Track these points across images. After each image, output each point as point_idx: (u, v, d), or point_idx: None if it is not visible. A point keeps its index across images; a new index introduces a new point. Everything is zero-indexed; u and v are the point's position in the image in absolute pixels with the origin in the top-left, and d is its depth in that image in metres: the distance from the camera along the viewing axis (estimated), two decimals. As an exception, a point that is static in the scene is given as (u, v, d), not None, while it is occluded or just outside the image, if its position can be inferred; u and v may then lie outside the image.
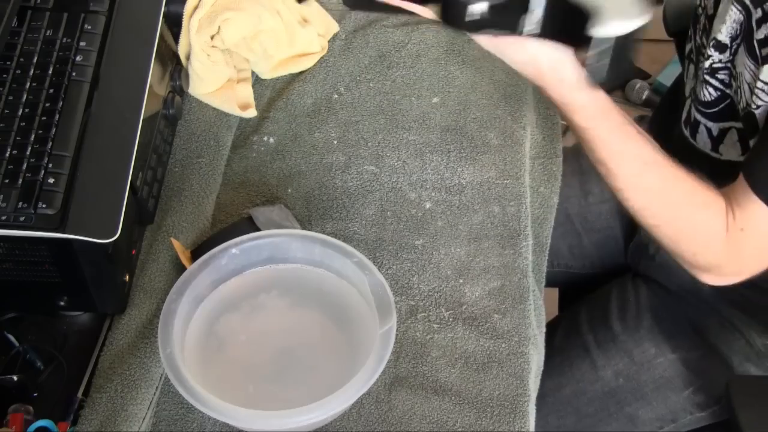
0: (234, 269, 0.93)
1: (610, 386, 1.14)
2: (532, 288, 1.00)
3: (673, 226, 0.93)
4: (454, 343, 0.94)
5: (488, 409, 0.90)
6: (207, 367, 0.87)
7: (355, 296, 0.91)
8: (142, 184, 0.92)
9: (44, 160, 0.84)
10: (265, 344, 0.90)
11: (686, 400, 1.11)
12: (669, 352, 1.12)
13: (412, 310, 0.96)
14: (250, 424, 0.81)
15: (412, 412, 0.89)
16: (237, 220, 1.00)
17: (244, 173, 1.07)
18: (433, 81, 1.16)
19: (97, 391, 0.87)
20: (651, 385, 1.12)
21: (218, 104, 1.12)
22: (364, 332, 0.87)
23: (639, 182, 0.91)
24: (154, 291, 0.95)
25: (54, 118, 0.87)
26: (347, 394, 0.80)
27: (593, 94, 0.86)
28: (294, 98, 1.14)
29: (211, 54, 1.08)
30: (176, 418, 0.88)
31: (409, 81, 1.16)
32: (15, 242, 0.82)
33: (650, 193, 0.91)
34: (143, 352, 0.90)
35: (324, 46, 1.19)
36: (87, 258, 0.84)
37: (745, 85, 0.91)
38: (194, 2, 1.08)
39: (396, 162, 1.08)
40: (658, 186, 0.91)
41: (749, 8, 0.90)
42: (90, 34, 0.93)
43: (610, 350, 1.14)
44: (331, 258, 0.92)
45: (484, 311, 0.97)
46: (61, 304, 0.90)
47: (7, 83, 0.89)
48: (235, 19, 1.07)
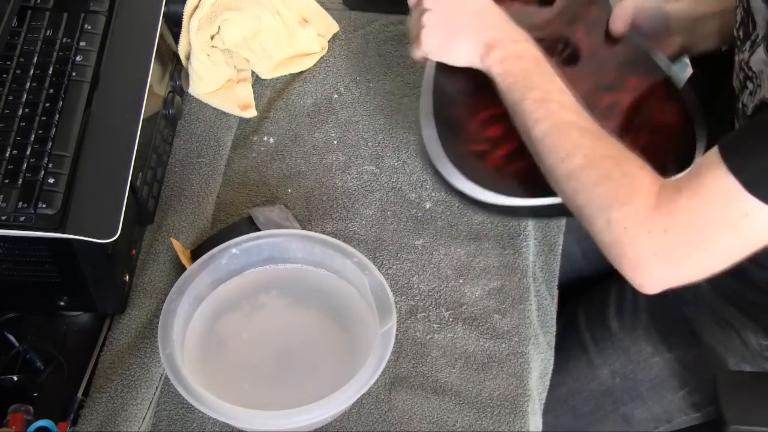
0: (234, 269, 0.93)
1: (607, 385, 1.14)
2: (534, 288, 1.00)
3: (599, 167, 0.84)
4: (454, 343, 0.94)
5: (488, 409, 0.90)
6: (207, 367, 0.87)
7: (355, 296, 0.91)
8: (142, 184, 0.92)
9: (44, 160, 0.84)
10: (265, 344, 0.90)
11: (681, 400, 1.11)
12: (665, 351, 1.12)
13: (412, 310, 0.96)
14: (249, 424, 0.81)
15: (412, 412, 0.89)
16: (237, 220, 1.01)
17: (244, 173, 1.07)
18: (433, 81, 1.16)
19: (97, 391, 0.87)
20: (647, 385, 1.12)
21: (218, 104, 1.12)
22: (364, 332, 0.88)
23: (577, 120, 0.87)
24: (154, 291, 0.95)
25: (54, 118, 0.87)
26: (347, 394, 0.80)
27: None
28: (294, 98, 1.14)
29: (211, 54, 1.08)
30: (176, 418, 0.88)
31: (409, 81, 1.16)
32: (15, 242, 0.82)
33: (588, 132, 0.86)
34: (143, 352, 0.90)
35: (324, 46, 1.19)
36: (87, 258, 0.84)
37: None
38: (194, 2, 1.08)
39: (396, 162, 1.08)
40: (594, 129, 0.87)
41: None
42: (90, 34, 0.93)
43: (607, 349, 1.14)
44: (331, 258, 0.92)
45: (484, 311, 0.97)
46: (61, 304, 0.90)
47: (7, 83, 0.89)
48: (235, 19, 1.07)
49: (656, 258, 0.81)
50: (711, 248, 0.81)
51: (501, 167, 0.92)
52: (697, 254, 0.81)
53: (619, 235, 0.82)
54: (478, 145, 0.93)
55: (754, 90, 0.90)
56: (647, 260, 0.81)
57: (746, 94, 0.92)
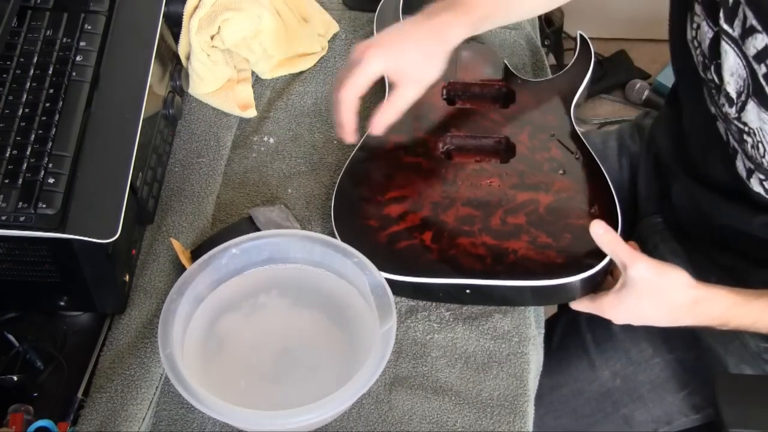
0: (234, 269, 0.93)
1: (607, 387, 1.14)
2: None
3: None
4: (454, 343, 0.94)
5: (488, 409, 0.90)
6: (207, 367, 0.87)
7: (355, 296, 0.91)
8: (142, 184, 0.92)
9: (44, 160, 0.84)
10: (265, 344, 0.90)
11: (682, 401, 1.11)
12: (666, 352, 1.12)
13: (412, 310, 0.96)
14: (249, 424, 0.81)
15: (412, 412, 0.89)
16: (237, 220, 1.01)
17: (244, 173, 1.07)
18: (433, 81, 1.16)
19: (97, 391, 0.87)
20: (647, 386, 1.12)
21: (218, 104, 1.12)
22: (364, 332, 0.88)
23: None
24: (154, 291, 0.95)
25: (54, 118, 0.87)
26: (347, 394, 0.80)
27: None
28: (294, 98, 1.14)
29: (211, 54, 1.08)
30: (176, 418, 0.88)
31: (409, 81, 1.16)
32: (15, 242, 0.82)
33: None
34: (143, 352, 0.90)
35: (324, 46, 1.19)
36: (87, 258, 0.84)
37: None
38: (194, 2, 1.08)
39: (396, 162, 1.08)
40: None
41: (752, 66, 0.88)
42: (90, 34, 0.93)
43: (608, 350, 1.14)
44: (331, 258, 0.92)
45: (484, 311, 0.97)
46: (61, 304, 0.90)
47: (7, 83, 0.89)
48: (235, 19, 1.07)
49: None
50: None
51: (386, 244, 0.95)
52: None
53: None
54: (371, 220, 0.97)
55: (756, 144, 0.91)
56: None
57: (747, 146, 0.94)
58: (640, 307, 0.93)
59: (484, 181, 1.01)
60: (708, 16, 0.94)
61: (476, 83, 1.12)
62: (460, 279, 0.92)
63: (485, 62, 1.14)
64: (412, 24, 0.94)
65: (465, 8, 0.96)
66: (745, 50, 0.88)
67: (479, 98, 1.11)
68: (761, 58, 0.86)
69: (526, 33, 1.25)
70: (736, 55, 0.90)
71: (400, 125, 1.01)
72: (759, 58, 0.87)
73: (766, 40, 0.85)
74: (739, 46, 0.89)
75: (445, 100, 1.10)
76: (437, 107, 1.09)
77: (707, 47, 0.95)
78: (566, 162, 1.03)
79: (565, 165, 1.02)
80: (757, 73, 0.87)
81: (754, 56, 0.87)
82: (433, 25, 0.93)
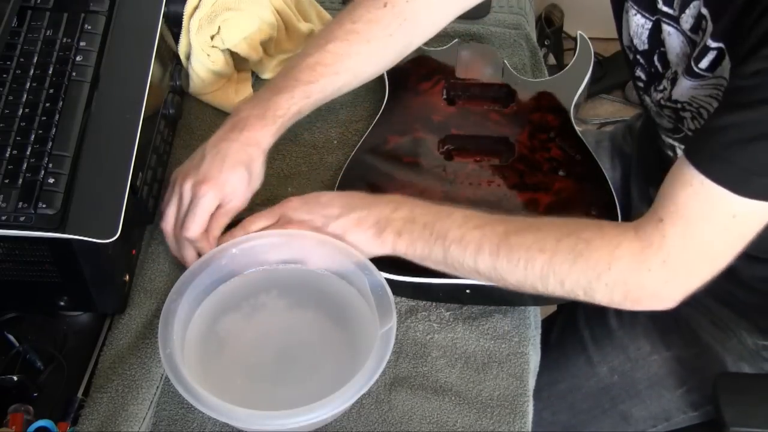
0: (234, 269, 0.93)
1: (605, 383, 1.14)
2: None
3: (563, 252, 0.84)
4: (454, 343, 0.94)
5: (488, 409, 0.90)
6: (207, 367, 0.87)
7: (355, 296, 0.91)
8: (142, 184, 0.92)
9: (44, 160, 0.84)
10: (265, 344, 0.90)
11: (680, 398, 1.11)
12: (664, 349, 1.12)
13: (412, 310, 0.96)
14: (249, 424, 0.81)
15: (412, 412, 0.89)
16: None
17: (244, 173, 1.07)
18: (433, 81, 1.16)
19: (97, 391, 0.87)
20: (645, 383, 1.12)
21: (218, 104, 1.12)
22: (364, 332, 0.87)
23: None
24: (154, 291, 0.95)
25: (54, 118, 0.87)
26: (347, 394, 0.80)
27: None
28: (294, 98, 1.14)
29: (211, 54, 1.08)
30: (176, 418, 0.88)
31: (409, 81, 1.16)
32: (15, 242, 0.82)
33: (524, 229, 0.86)
34: (143, 352, 0.90)
35: (324, 46, 1.19)
36: (87, 258, 0.84)
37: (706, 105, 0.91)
38: (194, 2, 1.08)
39: (396, 162, 1.08)
40: (527, 222, 0.87)
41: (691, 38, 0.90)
42: (90, 34, 0.93)
43: (606, 346, 1.14)
44: (332, 258, 0.92)
45: (484, 311, 0.97)
46: (61, 304, 0.90)
47: (7, 83, 0.89)
48: (235, 19, 1.07)
49: (667, 284, 0.83)
50: (711, 255, 0.83)
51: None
52: (701, 265, 0.83)
53: (624, 291, 0.84)
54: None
55: (695, 114, 0.92)
56: (661, 291, 0.84)
57: (687, 121, 0.95)
58: (318, 199, 0.94)
59: (484, 181, 1.01)
60: (643, 8, 0.95)
61: (476, 83, 1.12)
62: (460, 279, 0.92)
63: (485, 62, 1.14)
64: (226, 142, 0.94)
65: (273, 112, 0.96)
66: (683, 25, 0.90)
67: (479, 98, 1.11)
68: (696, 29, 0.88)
69: (526, 33, 1.25)
70: (678, 33, 0.91)
71: (400, 125, 1.00)
72: (694, 30, 0.89)
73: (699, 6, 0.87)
74: (679, 23, 0.91)
75: (445, 100, 1.11)
76: (437, 107, 1.09)
77: (647, 38, 0.97)
78: (566, 162, 1.03)
79: (564, 165, 1.03)
80: (697, 43, 0.89)
81: (691, 28, 0.89)
82: (247, 139, 0.94)
